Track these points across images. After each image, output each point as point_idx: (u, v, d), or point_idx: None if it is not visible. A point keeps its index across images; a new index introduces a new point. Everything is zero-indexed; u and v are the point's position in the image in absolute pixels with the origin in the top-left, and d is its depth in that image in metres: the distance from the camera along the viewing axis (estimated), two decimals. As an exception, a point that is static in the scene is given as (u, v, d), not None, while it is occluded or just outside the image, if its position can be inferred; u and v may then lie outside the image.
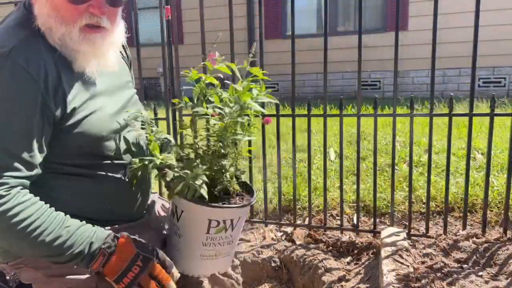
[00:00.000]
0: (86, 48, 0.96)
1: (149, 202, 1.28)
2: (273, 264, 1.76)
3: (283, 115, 1.94)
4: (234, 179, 1.12)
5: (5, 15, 1.07)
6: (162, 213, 1.34)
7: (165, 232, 1.27)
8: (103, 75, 1.05)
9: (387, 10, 6.70)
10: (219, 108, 1.06)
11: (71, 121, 0.98)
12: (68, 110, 0.96)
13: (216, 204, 1.02)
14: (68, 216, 0.97)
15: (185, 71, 1.11)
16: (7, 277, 1.11)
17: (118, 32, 1.04)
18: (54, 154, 0.99)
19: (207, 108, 1.06)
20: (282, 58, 7.14)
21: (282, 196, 2.21)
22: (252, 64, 1.11)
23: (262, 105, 1.19)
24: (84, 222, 0.99)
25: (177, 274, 1.04)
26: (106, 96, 1.08)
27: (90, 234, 0.97)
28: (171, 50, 2.03)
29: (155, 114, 2.10)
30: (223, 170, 1.09)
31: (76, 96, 0.99)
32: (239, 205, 1.06)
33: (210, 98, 1.10)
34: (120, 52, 1.18)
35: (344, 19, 7.11)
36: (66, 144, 1.00)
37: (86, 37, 0.95)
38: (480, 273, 1.41)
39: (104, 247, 0.96)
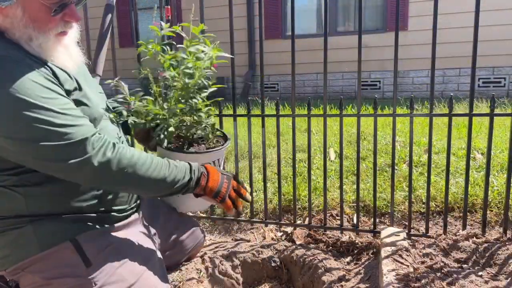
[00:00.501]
0: (62, 49, 1.07)
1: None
2: (273, 264, 1.76)
3: (283, 115, 1.94)
4: (209, 128, 1.43)
5: None
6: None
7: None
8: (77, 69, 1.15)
9: (387, 10, 6.70)
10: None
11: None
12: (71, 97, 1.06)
13: (189, 151, 1.34)
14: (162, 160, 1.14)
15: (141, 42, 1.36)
16: (7, 279, 1.11)
17: (77, 29, 1.14)
18: None
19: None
20: (282, 58, 7.14)
21: (282, 196, 2.21)
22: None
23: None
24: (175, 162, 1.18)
25: (248, 188, 1.34)
26: (87, 87, 1.15)
27: (187, 165, 1.19)
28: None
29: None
30: (197, 122, 1.38)
31: (71, 87, 1.07)
32: (209, 150, 1.37)
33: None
34: None
35: (344, 19, 7.11)
36: None
37: (60, 41, 1.06)
38: (480, 273, 1.42)
39: (202, 170, 1.21)
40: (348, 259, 1.74)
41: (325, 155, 1.87)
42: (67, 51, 1.08)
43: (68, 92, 1.04)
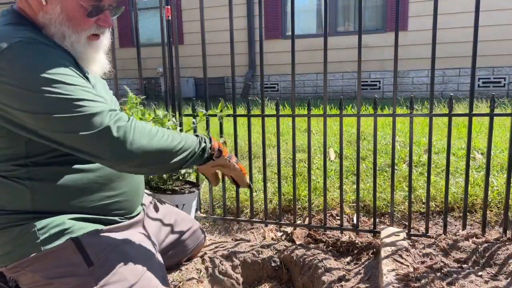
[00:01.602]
0: (92, 53, 1.13)
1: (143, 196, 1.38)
2: (273, 264, 1.76)
3: (283, 115, 1.94)
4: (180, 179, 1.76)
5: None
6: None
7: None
8: (95, 76, 1.22)
9: (387, 10, 6.70)
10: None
11: None
12: None
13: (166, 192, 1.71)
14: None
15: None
16: (7, 277, 1.11)
17: (108, 37, 1.20)
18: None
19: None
20: (282, 58, 7.15)
21: (282, 196, 2.21)
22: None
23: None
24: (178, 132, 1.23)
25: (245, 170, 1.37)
26: (103, 92, 1.21)
27: (193, 135, 1.21)
28: (171, 50, 2.02)
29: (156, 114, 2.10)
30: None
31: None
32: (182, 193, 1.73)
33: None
34: None
35: (344, 19, 7.11)
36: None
37: (90, 44, 1.12)
38: (479, 273, 1.42)
39: (209, 139, 1.24)
40: (348, 259, 1.74)
41: (325, 155, 1.87)
42: (96, 55, 1.14)
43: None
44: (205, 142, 1.21)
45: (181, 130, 1.88)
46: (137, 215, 1.27)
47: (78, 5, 1.06)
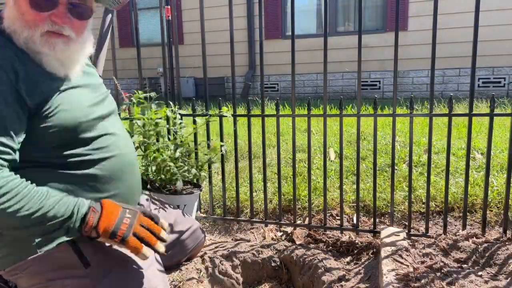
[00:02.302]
0: (47, 51, 1.02)
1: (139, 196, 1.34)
2: (273, 264, 1.76)
3: (283, 115, 1.94)
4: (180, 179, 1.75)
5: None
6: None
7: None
8: (80, 74, 1.13)
9: (387, 10, 6.70)
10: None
11: (47, 110, 1.02)
12: (41, 99, 1.01)
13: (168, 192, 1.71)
14: (51, 190, 1.00)
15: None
16: (6, 279, 1.11)
17: (86, 44, 1.12)
18: (36, 147, 1.02)
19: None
20: (282, 58, 7.15)
21: (282, 196, 2.21)
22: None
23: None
24: (66, 194, 1.02)
25: (166, 225, 1.12)
26: (82, 89, 1.13)
27: (74, 201, 1.01)
28: (171, 50, 2.02)
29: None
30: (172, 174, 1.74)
31: (47, 87, 1.03)
32: (183, 193, 1.74)
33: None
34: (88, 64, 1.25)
35: (344, 19, 7.11)
36: (46, 134, 1.03)
37: (47, 41, 1.02)
38: (479, 273, 1.42)
39: (92, 205, 1.02)
40: (348, 259, 1.74)
41: (325, 155, 1.87)
42: (54, 54, 1.03)
43: (35, 88, 1.00)
44: (82, 215, 0.99)
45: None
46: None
47: None
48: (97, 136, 1.11)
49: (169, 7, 1.95)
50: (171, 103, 1.98)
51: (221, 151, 1.90)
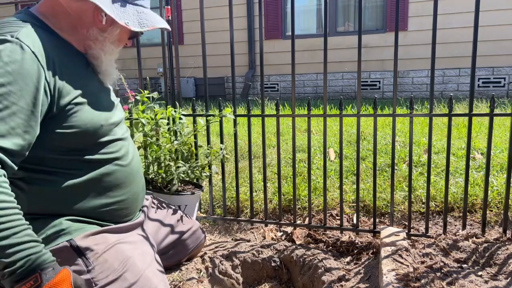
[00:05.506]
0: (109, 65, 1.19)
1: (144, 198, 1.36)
2: (273, 264, 1.76)
3: (283, 115, 1.94)
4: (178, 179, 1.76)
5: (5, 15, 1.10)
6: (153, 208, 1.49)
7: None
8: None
9: (387, 10, 6.70)
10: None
11: (72, 104, 1.04)
12: (68, 94, 1.03)
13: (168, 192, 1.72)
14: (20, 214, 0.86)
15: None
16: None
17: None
18: (50, 148, 1.02)
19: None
20: (282, 58, 7.15)
21: (282, 196, 2.21)
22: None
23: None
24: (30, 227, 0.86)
25: None
26: (101, 93, 1.18)
27: (33, 247, 0.83)
28: (171, 50, 2.03)
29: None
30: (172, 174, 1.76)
31: (76, 83, 1.06)
32: (183, 194, 1.75)
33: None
34: None
35: (344, 19, 7.11)
36: (63, 136, 1.03)
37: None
38: (479, 273, 1.42)
39: (41, 271, 0.82)
40: (348, 259, 1.74)
41: (325, 155, 1.87)
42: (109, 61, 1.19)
43: (64, 81, 1.02)
44: (23, 274, 0.81)
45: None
46: (136, 219, 1.28)
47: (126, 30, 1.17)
48: (112, 140, 1.15)
49: (169, 7, 1.95)
50: (177, 103, 1.98)
51: (220, 155, 1.91)
